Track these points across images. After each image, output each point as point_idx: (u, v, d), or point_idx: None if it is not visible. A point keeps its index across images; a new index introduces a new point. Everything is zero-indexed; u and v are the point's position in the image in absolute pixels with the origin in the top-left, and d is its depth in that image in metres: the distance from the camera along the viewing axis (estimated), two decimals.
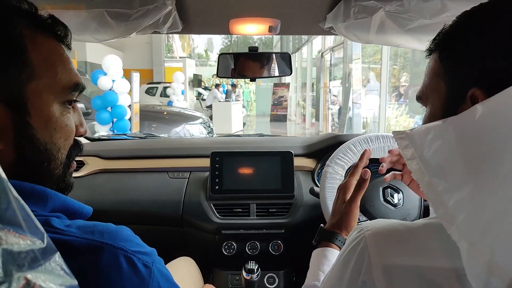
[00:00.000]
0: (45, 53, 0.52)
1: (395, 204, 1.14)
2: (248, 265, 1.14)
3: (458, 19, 0.52)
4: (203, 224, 1.30)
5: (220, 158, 1.35)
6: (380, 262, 0.47)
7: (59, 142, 0.54)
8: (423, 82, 0.58)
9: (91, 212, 0.59)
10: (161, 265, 0.55)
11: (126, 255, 0.50)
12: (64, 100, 0.54)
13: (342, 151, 1.19)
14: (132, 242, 0.52)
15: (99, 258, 0.48)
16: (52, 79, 0.52)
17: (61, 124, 0.54)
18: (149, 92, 11.22)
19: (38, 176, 0.53)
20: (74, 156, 0.59)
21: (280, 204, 1.33)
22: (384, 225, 0.52)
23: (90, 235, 0.49)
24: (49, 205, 0.52)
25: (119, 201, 1.35)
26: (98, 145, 1.62)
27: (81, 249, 0.48)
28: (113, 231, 0.51)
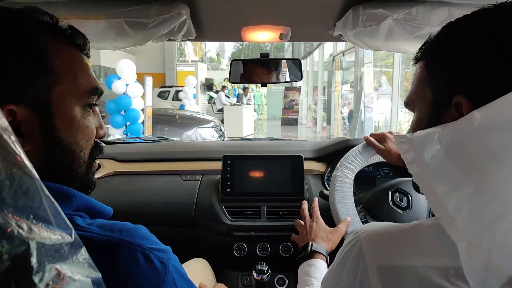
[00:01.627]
0: (67, 61, 0.56)
1: (404, 208, 1.15)
2: (259, 266, 1.16)
3: (443, 29, 0.55)
4: (214, 226, 1.32)
5: (232, 161, 1.38)
6: (375, 263, 0.50)
7: (81, 142, 0.58)
8: (411, 89, 0.60)
9: (111, 212, 0.62)
10: (176, 262, 0.58)
11: (144, 252, 0.53)
12: (85, 104, 0.58)
13: (352, 155, 1.21)
14: (149, 240, 0.55)
15: (118, 254, 0.51)
16: (73, 84, 0.56)
17: (83, 125, 0.57)
18: (161, 96, 11.34)
19: (63, 175, 0.57)
20: (96, 157, 0.63)
21: (290, 207, 1.35)
22: (378, 228, 0.55)
23: (110, 233, 0.52)
24: (73, 204, 0.55)
25: (133, 203, 1.39)
26: (114, 148, 1.66)
27: (102, 245, 0.51)
28: (131, 229, 0.55)
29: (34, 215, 0.35)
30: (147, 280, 0.53)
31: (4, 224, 0.31)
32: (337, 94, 9.93)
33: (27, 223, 0.34)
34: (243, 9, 0.93)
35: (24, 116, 0.50)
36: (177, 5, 0.85)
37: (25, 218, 0.34)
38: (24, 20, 0.53)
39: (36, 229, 0.35)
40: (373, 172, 1.53)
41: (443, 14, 0.84)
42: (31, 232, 0.34)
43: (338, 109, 9.80)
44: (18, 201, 0.33)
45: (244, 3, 0.89)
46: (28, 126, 0.52)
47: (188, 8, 0.88)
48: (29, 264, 0.32)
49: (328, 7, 0.91)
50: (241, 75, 1.21)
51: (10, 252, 0.31)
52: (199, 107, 9.83)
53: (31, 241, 0.33)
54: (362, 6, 0.87)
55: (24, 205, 0.34)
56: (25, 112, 0.51)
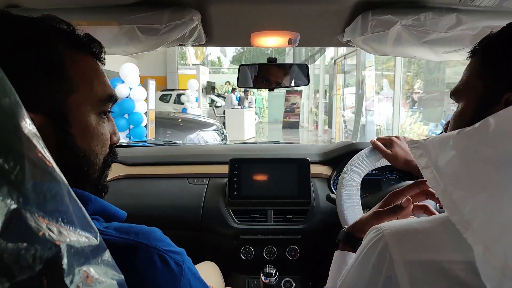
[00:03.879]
0: (82, 69, 0.56)
1: None
2: (267, 269, 1.16)
3: (506, 26, 0.56)
4: (221, 229, 1.33)
5: (239, 165, 1.39)
6: (402, 258, 0.51)
7: (96, 149, 0.58)
8: (461, 80, 0.61)
9: (125, 216, 0.63)
10: (190, 264, 0.59)
11: (160, 254, 0.54)
12: (100, 111, 0.58)
13: (359, 159, 1.22)
14: (164, 242, 0.56)
15: (135, 256, 0.52)
16: (89, 92, 0.56)
17: (98, 132, 0.58)
18: (163, 99, 11.33)
19: (78, 180, 0.57)
20: (111, 163, 0.64)
21: (297, 210, 1.36)
22: (401, 224, 0.56)
23: (126, 235, 0.53)
24: (90, 208, 0.56)
25: (140, 206, 1.39)
26: (120, 152, 1.67)
27: (119, 247, 0.51)
28: (147, 232, 0.56)
29: (62, 219, 0.36)
30: (164, 282, 0.54)
31: (36, 228, 0.32)
32: (338, 97, 9.93)
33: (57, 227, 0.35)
34: (253, 15, 0.94)
35: (40, 123, 0.51)
36: (189, 11, 0.86)
37: (55, 221, 0.34)
38: (42, 29, 0.54)
39: (65, 232, 0.35)
40: (379, 176, 1.53)
41: (451, 20, 0.85)
42: (61, 235, 0.34)
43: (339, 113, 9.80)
44: (48, 205, 0.34)
45: (254, 10, 0.91)
46: (44, 134, 0.52)
47: (200, 14, 0.89)
48: (61, 267, 0.32)
49: (337, 13, 0.92)
50: (249, 80, 1.22)
51: (43, 255, 0.32)
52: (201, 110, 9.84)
53: (62, 243, 0.34)
54: (371, 12, 0.88)
55: (53, 208, 0.35)
56: (41, 119, 0.51)
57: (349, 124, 9.21)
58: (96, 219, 0.56)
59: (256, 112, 12.44)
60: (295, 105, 13.06)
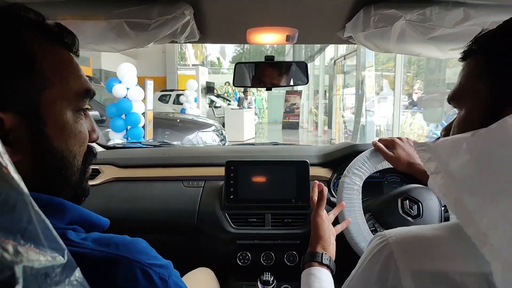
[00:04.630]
0: (55, 62, 0.52)
1: (414, 216, 1.11)
2: (264, 277, 1.12)
3: (508, 20, 0.51)
4: (217, 234, 1.28)
5: (235, 167, 1.34)
6: (408, 268, 0.47)
7: (74, 148, 0.54)
8: (459, 84, 0.56)
9: (108, 224, 0.59)
10: (177, 278, 0.55)
11: (142, 268, 0.49)
12: (77, 107, 0.54)
13: (360, 161, 1.17)
14: (148, 255, 0.52)
15: (115, 271, 0.48)
16: (64, 87, 0.52)
17: (75, 131, 0.54)
18: (162, 100, 11.32)
19: (56, 184, 0.53)
20: (90, 162, 0.59)
21: (296, 215, 1.31)
22: (407, 231, 0.52)
23: (106, 248, 0.49)
24: (67, 217, 0.51)
25: (134, 210, 1.35)
26: (114, 153, 1.62)
27: (98, 261, 0.47)
28: (129, 244, 0.51)
29: (22, 235, 0.31)
30: None
31: None
32: (338, 98, 9.91)
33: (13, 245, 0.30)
34: (249, 10, 0.89)
35: (12, 123, 0.47)
36: (180, 5, 0.81)
37: (12, 238, 0.30)
38: (7, 18, 0.49)
39: (24, 251, 0.31)
40: (380, 179, 1.49)
41: (459, 15, 0.80)
42: (17, 255, 0.30)
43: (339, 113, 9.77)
44: (3, 219, 0.29)
45: (250, 4, 0.86)
46: (17, 134, 0.48)
47: (192, 9, 0.84)
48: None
49: (338, 7, 0.87)
50: (245, 79, 1.17)
51: None
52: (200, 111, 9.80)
53: (17, 265, 0.29)
54: (374, 6, 0.83)
55: (10, 223, 0.30)
56: (13, 119, 0.47)
57: (349, 125, 9.19)
58: (74, 229, 0.51)
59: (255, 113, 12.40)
60: (294, 106, 13.03)
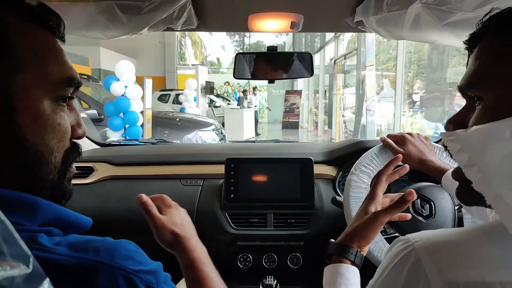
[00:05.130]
0: (34, 44, 0.46)
1: (426, 216, 1.04)
2: (266, 280, 1.06)
3: None
4: (217, 235, 1.22)
5: (236, 165, 1.28)
6: (442, 279, 0.40)
7: (51, 143, 0.47)
8: (474, 70, 0.49)
9: (90, 224, 0.52)
10: (167, 283, 0.48)
11: (126, 276, 0.43)
12: (57, 97, 0.48)
13: (368, 158, 1.11)
14: (133, 260, 0.45)
15: (94, 281, 0.41)
16: (41, 73, 0.46)
17: (53, 123, 0.47)
18: (162, 99, 11.27)
19: (29, 183, 0.46)
20: (72, 161, 0.52)
21: (299, 215, 1.25)
22: (435, 236, 0.45)
23: (83, 253, 0.42)
24: (39, 217, 0.45)
25: (129, 210, 1.28)
26: (109, 151, 1.56)
27: (73, 270, 0.41)
28: (111, 248, 0.44)
29: None
30: None
31: None
32: (338, 97, 9.86)
33: None
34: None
35: None
36: None
37: None
38: None
39: None
40: None
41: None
42: None
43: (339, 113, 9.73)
44: None
45: None
46: None
47: None
48: None
49: None
50: (246, 71, 1.11)
51: None
52: (199, 110, 9.74)
53: None
54: None
55: None
56: None
57: (349, 125, 9.15)
58: (48, 232, 0.45)
59: None
60: (294, 105, 12.98)
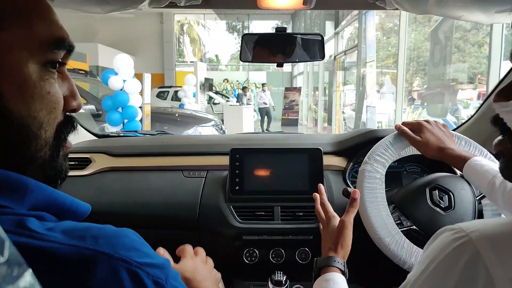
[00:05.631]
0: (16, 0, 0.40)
1: (445, 208, 0.98)
2: (275, 276, 1.00)
3: None
4: (221, 229, 1.16)
5: (241, 155, 1.21)
6: (508, 276, 0.34)
7: (40, 115, 0.41)
8: None
9: (88, 211, 0.45)
10: (176, 280, 0.42)
11: (130, 269, 0.36)
12: (45, 61, 0.41)
13: (383, 147, 1.05)
14: (139, 251, 0.38)
15: (91, 273, 0.34)
16: (25, 31, 0.40)
17: (41, 91, 0.41)
18: (160, 96, 11.19)
19: (17, 161, 0.40)
20: (66, 135, 0.46)
21: (308, 207, 1.18)
22: (494, 225, 0.39)
23: (80, 241, 0.35)
24: (28, 199, 0.38)
25: (129, 203, 1.22)
26: (106, 142, 1.49)
27: (67, 260, 0.34)
28: (113, 236, 0.38)
29: None
30: None
31: None
32: (338, 94, 9.80)
33: None
34: None
35: None
36: None
37: None
38: None
39: None
40: (399, 168, 1.36)
41: None
42: None
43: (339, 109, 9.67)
44: None
45: None
46: None
47: None
48: None
49: None
50: (253, 53, 1.04)
51: None
52: (198, 107, 9.65)
53: None
54: None
55: None
56: None
57: (349, 121, 9.09)
58: (39, 216, 0.38)
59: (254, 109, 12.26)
60: (294, 102, 12.89)
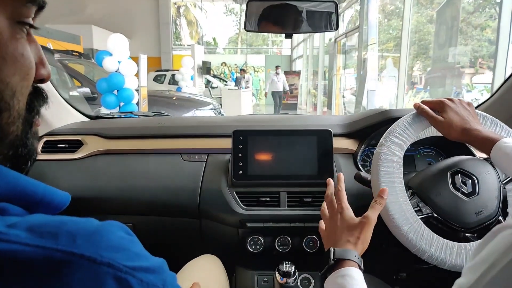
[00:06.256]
0: None
1: (469, 194, 0.90)
2: (284, 267, 0.92)
3: None
4: (224, 216, 1.08)
5: (244, 137, 1.12)
6: None
7: (12, 81, 0.33)
8: None
9: (67, 201, 0.36)
10: (174, 285, 0.34)
11: (118, 276, 0.28)
12: (14, 16, 0.34)
13: (400, 127, 0.96)
14: (128, 252, 0.30)
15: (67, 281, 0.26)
16: None
17: (14, 52, 0.33)
18: (157, 80, 11.04)
19: None
20: (38, 109, 0.38)
21: (317, 193, 1.11)
22: None
23: (50, 241, 0.27)
24: None
25: (124, 188, 1.14)
26: (99, 123, 1.39)
27: (32, 266, 0.26)
28: (94, 233, 0.29)
29: None
30: None
31: None
32: (338, 78, 9.67)
33: None
34: None
35: None
36: None
37: None
38: None
39: None
40: (412, 152, 1.28)
41: None
42: None
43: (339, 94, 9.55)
44: None
45: None
46: None
47: None
48: None
49: None
50: (259, 22, 0.94)
51: None
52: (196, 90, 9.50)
53: None
54: None
55: None
56: None
57: (348, 106, 8.99)
58: (2, 209, 0.30)
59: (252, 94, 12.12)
60: (293, 87, 12.73)
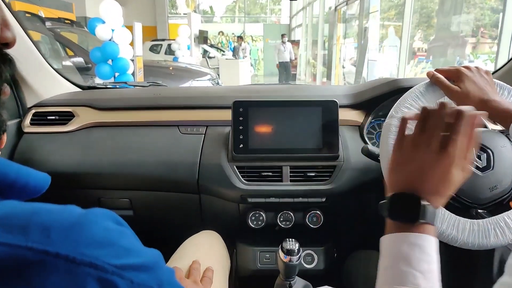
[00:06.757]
0: None
1: (483, 168, 0.86)
2: (287, 244, 0.89)
3: None
4: (224, 191, 1.04)
5: (245, 109, 1.06)
6: None
7: None
8: None
9: (46, 185, 0.31)
10: (172, 284, 0.29)
11: (103, 277, 0.23)
12: None
13: (412, 97, 0.89)
14: (115, 247, 0.26)
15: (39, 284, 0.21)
16: None
17: None
18: (153, 50, 10.78)
19: None
20: (4, 77, 0.32)
21: (321, 167, 1.06)
22: None
23: (18, 237, 0.23)
24: None
25: (118, 162, 1.09)
26: (92, 94, 1.32)
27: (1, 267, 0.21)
28: (73, 225, 0.25)
29: None
30: None
31: None
32: (338, 48, 9.45)
33: None
34: None
35: None
36: None
37: None
38: None
39: None
40: None
41: None
42: None
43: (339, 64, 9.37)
44: None
45: None
46: None
47: None
48: None
49: None
50: None
51: None
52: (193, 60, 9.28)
53: None
54: None
55: None
56: None
57: (348, 77, 8.84)
58: None
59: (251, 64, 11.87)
60: None
